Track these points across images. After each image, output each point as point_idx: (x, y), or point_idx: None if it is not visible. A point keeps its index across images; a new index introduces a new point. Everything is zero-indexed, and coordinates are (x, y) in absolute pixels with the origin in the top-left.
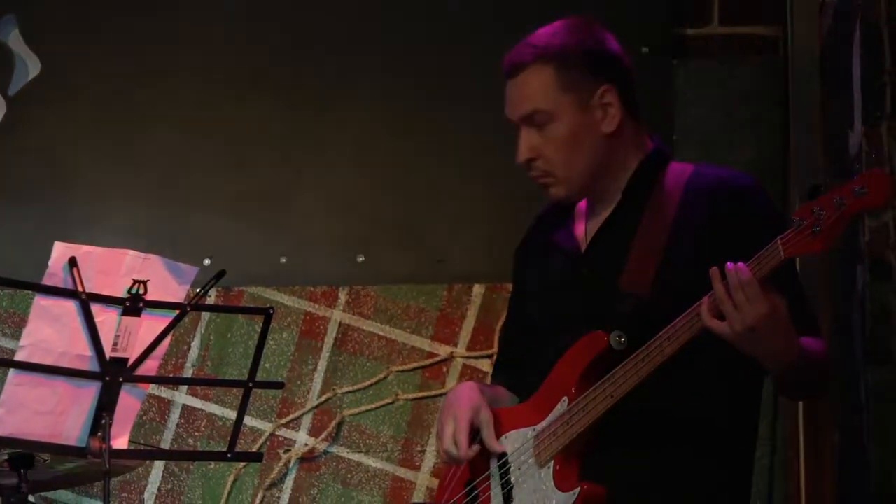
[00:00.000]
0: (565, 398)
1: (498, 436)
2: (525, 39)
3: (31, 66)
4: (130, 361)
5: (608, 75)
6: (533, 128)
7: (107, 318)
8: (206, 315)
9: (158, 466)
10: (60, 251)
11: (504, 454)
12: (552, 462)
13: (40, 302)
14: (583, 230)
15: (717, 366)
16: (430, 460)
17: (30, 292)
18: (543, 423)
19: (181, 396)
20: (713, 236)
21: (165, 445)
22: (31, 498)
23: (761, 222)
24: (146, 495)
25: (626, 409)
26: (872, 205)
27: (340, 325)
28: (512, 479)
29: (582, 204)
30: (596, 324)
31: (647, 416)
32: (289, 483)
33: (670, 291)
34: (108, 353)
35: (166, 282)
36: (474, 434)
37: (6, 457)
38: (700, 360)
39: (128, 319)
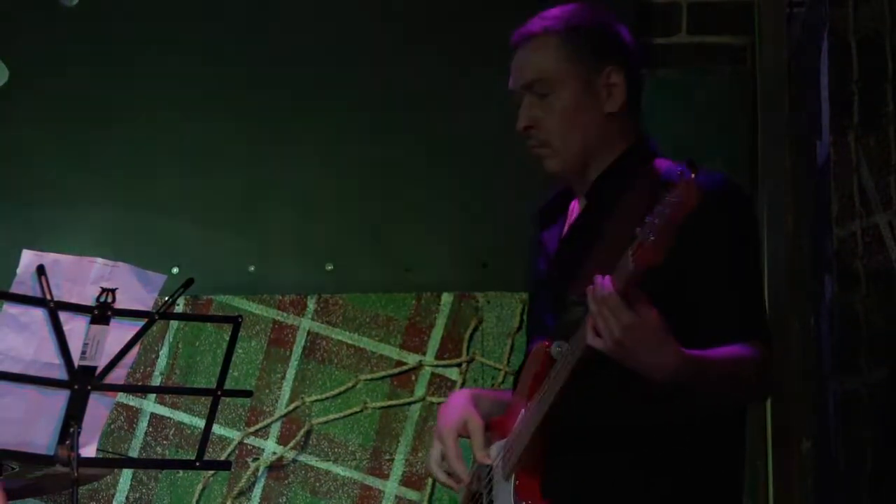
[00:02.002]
0: (523, 410)
1: (489, 445)
2: (538, 15)
3: None
4: (99, 370)
5: (616, 57)
6: (535, 97)
7: (75, 327)
8: (174, 323)
9: (126, 475)
10: (29, 259)
11: (490, 466)
12: (513, 476)
13: (8, 310)
14: (566, 229)
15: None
16: (398, 469)
17: None
18: (510, 435)
19: (149, 405)
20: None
21: (134, 454)
22: None
23: (716, 230)
24: None
25: (592, 420)
26: (684, 211)
27: (309, 333)
28: (493, 492)
29: (575, 201)
30: (552, 331)
31: (611, 427)
32: (257, 491)
33: None
34: (77, 362)
35: (134, 290)
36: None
37: None
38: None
39: (96, 328)
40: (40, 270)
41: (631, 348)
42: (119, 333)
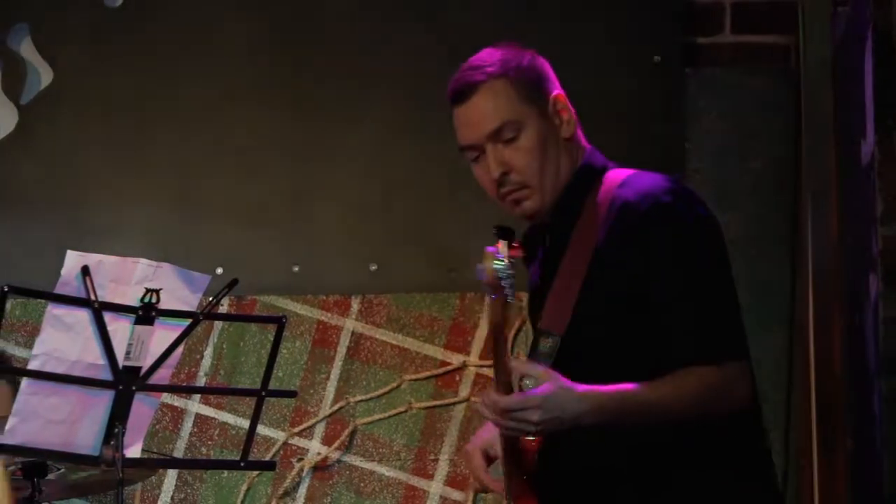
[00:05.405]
0: None
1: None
2: (462, 67)
3: (43, 76)
4: (143, 370)
5: (552, 85)
6: (499, 143)
7: (119, 327)
8: (218, 324)
9: (172, 475)
10: (73, 260)
11: None
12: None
13: (53, 311)
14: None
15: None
16: (443, 469)
17: (42, 301)
18: None
19: (194, 405)
20: (619, 265)
21: (178, 454)
22: None
23: (658, 249)
24: None
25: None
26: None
27: (353, 333)
28: None
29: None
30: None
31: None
32: (302, 492)
33: (587, 329)
34: (121, 362)
35: (179, 290)
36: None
37: (20, 466)
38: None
39: (140, 328)
40: (85, 271)
41: (553, 417)
42: (163, 334)
